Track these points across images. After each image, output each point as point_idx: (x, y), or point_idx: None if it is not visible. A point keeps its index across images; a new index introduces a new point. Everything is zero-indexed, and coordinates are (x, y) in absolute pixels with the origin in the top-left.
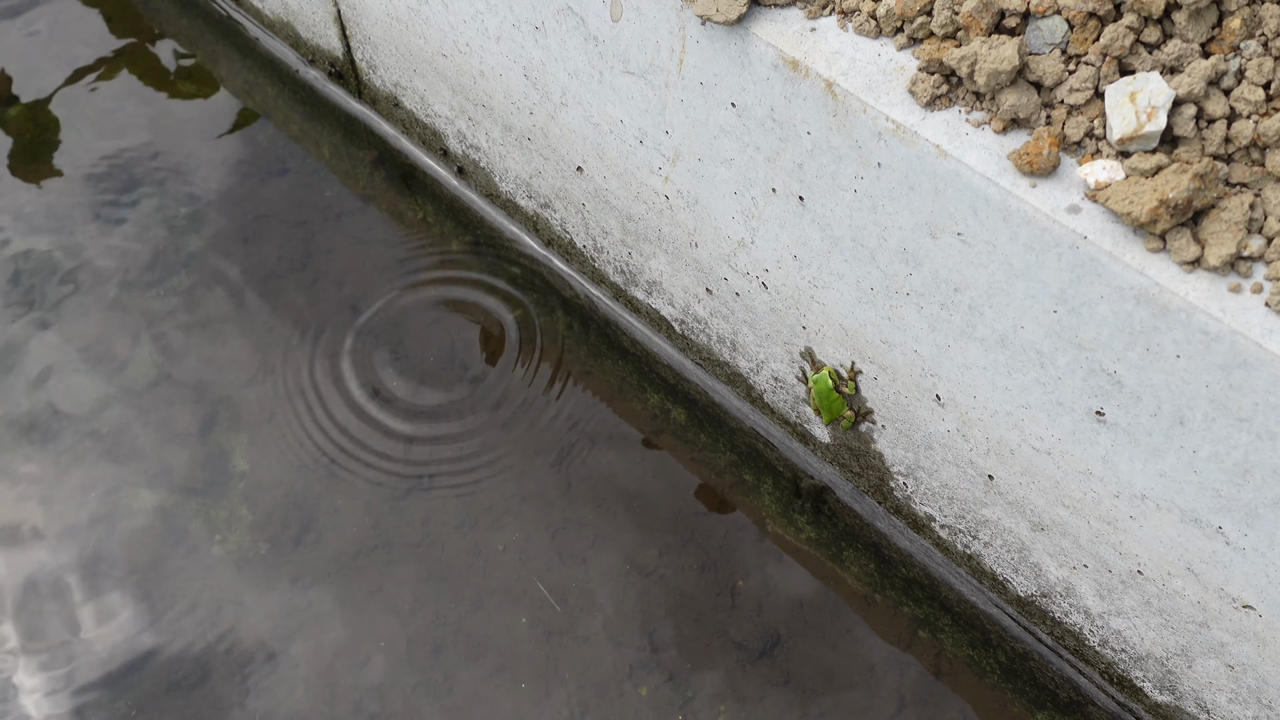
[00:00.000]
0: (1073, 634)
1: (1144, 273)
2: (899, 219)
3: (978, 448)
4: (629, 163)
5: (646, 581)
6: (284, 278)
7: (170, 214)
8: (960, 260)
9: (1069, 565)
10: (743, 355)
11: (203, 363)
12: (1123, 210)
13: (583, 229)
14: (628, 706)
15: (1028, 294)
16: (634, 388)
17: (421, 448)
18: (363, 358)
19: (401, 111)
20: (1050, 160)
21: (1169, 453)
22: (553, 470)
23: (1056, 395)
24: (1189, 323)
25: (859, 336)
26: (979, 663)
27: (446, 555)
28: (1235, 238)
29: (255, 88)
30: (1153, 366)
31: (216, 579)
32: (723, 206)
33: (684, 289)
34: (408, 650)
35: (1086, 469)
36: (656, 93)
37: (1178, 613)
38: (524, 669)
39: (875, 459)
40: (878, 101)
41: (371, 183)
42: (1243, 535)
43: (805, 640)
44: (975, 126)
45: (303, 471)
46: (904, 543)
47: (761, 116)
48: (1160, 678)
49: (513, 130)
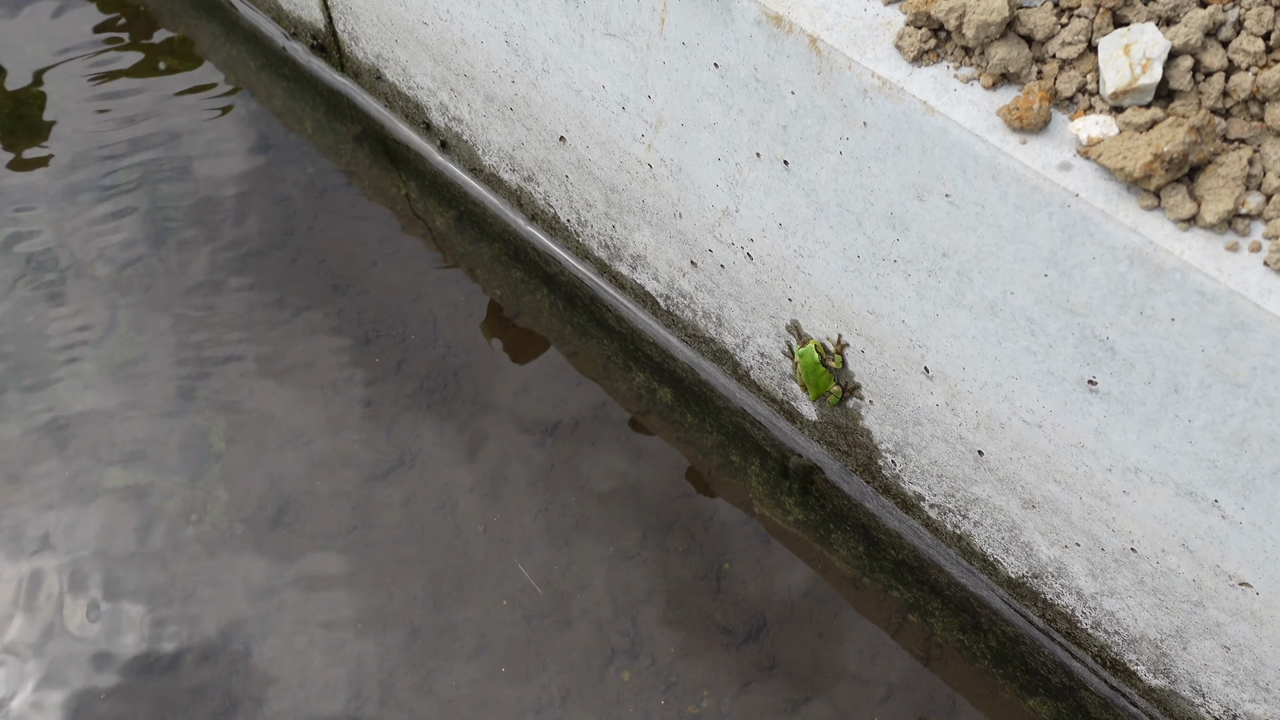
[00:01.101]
0: (1065, 616)
1: (1138, 231)
2: (885, 181)
3: (967, 422)
4: (611, 130)
5: (630, 564)
6: (265, 255)
7: (149, 191)
8: (948, 223)
9: (1060, 544)
10: (728, 331)
11: (181, 341)
12: (1115, 166)
13: (566, 202)
14: (609, 692)
15: (1017, 257)
16: (620, 367)
17: (403, 426)
18: (341, 336)
19: (384, 84)
20: (1041, 115)
21: (1163, 422)
22: (536, 451)
23: (1047, 364)
24: (1184, 283)
25: (845, 307)
26: (969, 647)
27: (426, 537)
28: (1233, 194)
29: (238, 62)
30: (1146, 331)
31: (190, 561)
32: (706, 174)
33: (668, 262)
34: (385, 633)
35: (1078, 442)
36: (638, 55)
37: (1172, 592)
38: (504, 653)
39: (863, 436)
40: (863, 57)
41: (355, 158)
42: (1239, 509)
43: (792, 625)
44: (964, 82)
45: (280, 452)
46: (893, 523)
47: (745, 77)
48: (1154, 660)
49: (495, 100)
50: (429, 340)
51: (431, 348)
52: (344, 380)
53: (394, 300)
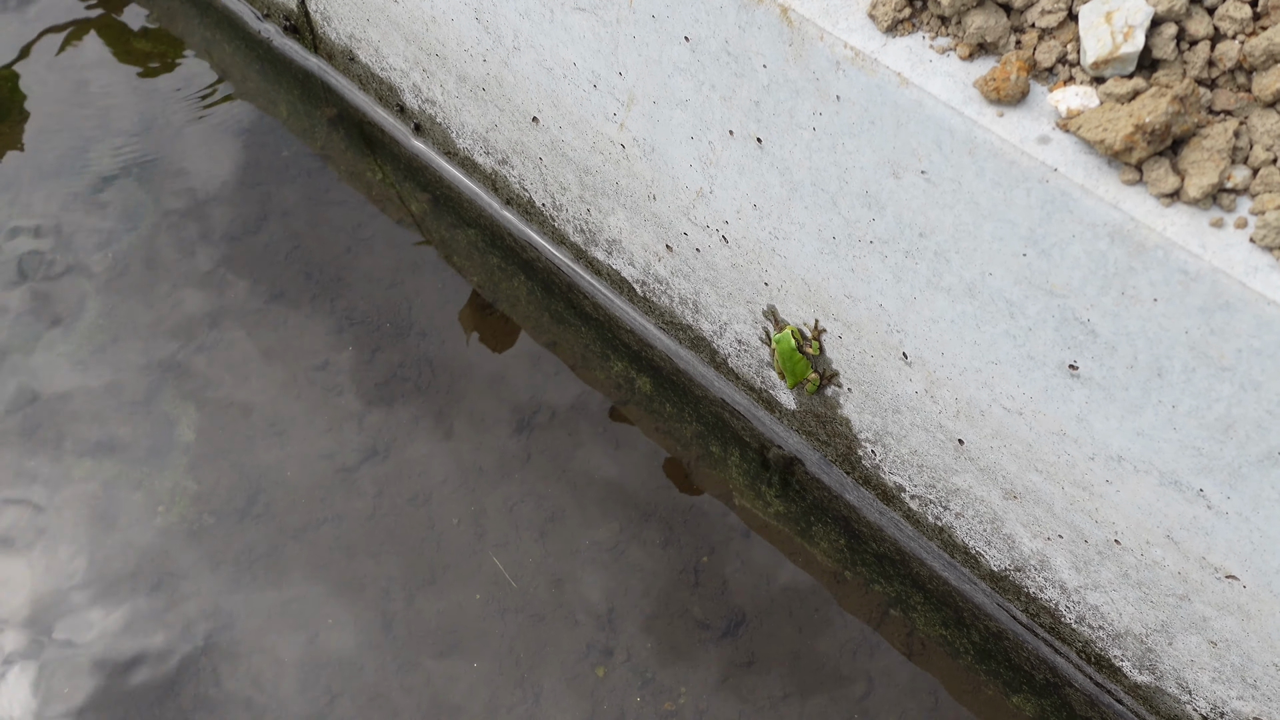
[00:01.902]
0: (1048, 610)
1: (1118, 207)
2: (860, 158)
3: (947, 409)
4: (584, 109)
5: (607, 558)
6: (238, 241)
7: (121, 175)
8: (925, 201)
9: (1043, 536)
10: (705, 317)
11: (150, 328)
12: (1096, 139)
13: (541, 185)
14: (584, 688)
15: (995, 236)
16: (598, 355)
17: (376, 416)
18: (315, 324)
19: (357, 66)
20: (1019, 86)
21: (1146, 408)
22: (511, 441)
23: (1027, 348)
24: (1167, 261)
25: (822, 291)
26: (952, 643)
27: (399, 529)
28: (1218, 167)
29: (212, 45)
30: (1128, 312)
31: (159, 552)
32: (679, 153)
33: (644, 247)
34: (356, 627)
35: (1060, 429)
36: (608, 30)
37: (1157, 585)
38: (477, 648)
39: (842, 425)
40: (835, 27)
41: (330, 142)
42: (1225, 498)
43: (771, 619)
44: (940, 53)
45: (250, 442)
46: (873, 515)
47: (716, 50)
48: (1140, 656)
49: (467, 81)
50: (404, 328)
51: (406, 336)
52: (316, 369)
53: (368, 287)
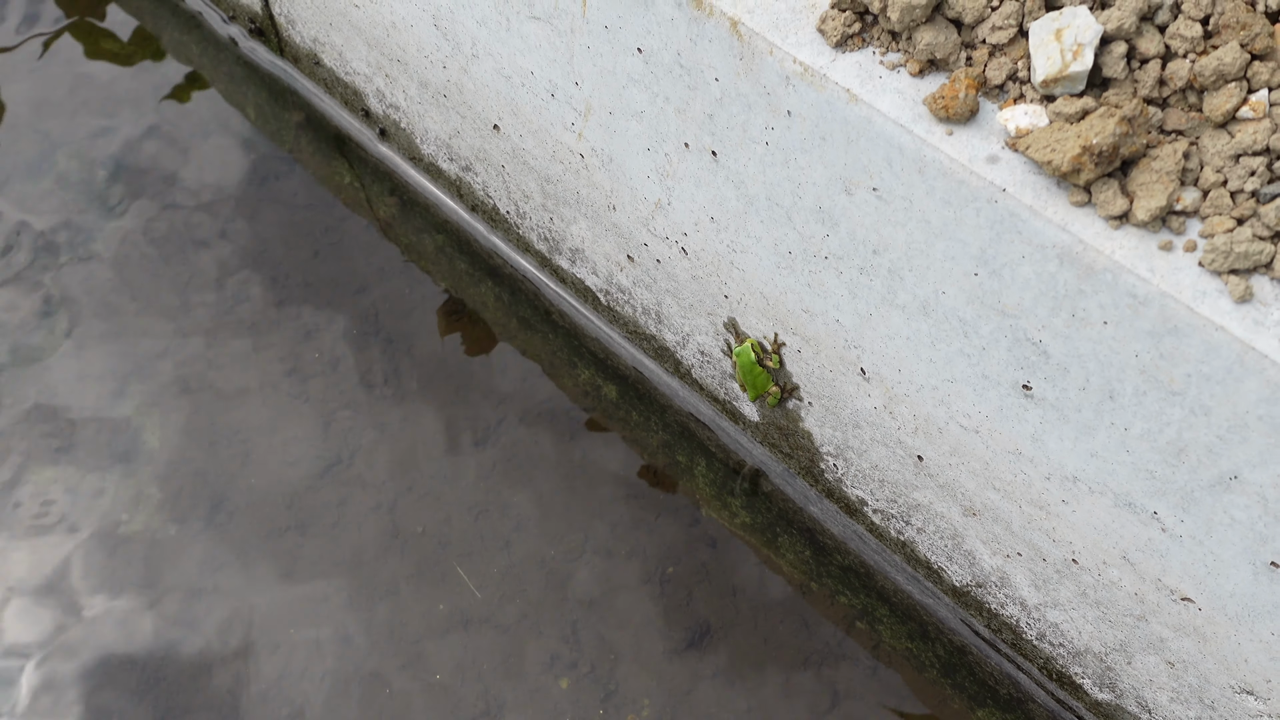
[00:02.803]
0: (1010, 626)
1: (1067, 229)
2: (812, 174)
3: (905, 426)
4: (543, 118)
5: (571, 568)
6: (203, 245)
7: (86, 178)
8: (877, 219)
9: (1003, 553)
10: (668, 328)
11: (114, 334)
12: (1044, 159)
13: (504, 193)
14: (547, 700)
15: (947, 255)
16: (564, 363)
17: (341, 423)
18: (280, 330)
19: (322, 70)
20: (968, 104)
21: (1099, 430)
22: (477, 449)
23: (982, 368)
24: (1115, 284)
25: (780, 305)
26: (918, 656)
27: (362, 538)
28: (1166, 189)
29: (180, 47)
30: (1079, 334)
31: (120, 560)
32: (637, 164)
33: (606, 256)
34: (318, 638)
35: (1016, 448)
36: (563, 39)
37: (1115, 605)
38: (439, 659)
39: (804, 438)
40: (785, 42)
41: (297, 145)
42: (1179, 521)
43: (737, 631)
44: (890, 69)
45: (215, 448)
46: (837, 528)
47: (669, 62)
48: (1100, 674)
49: (429, 87)
50: (370, 334)
51: (372, 342)
52: (281, 375)
53: (335, 293)
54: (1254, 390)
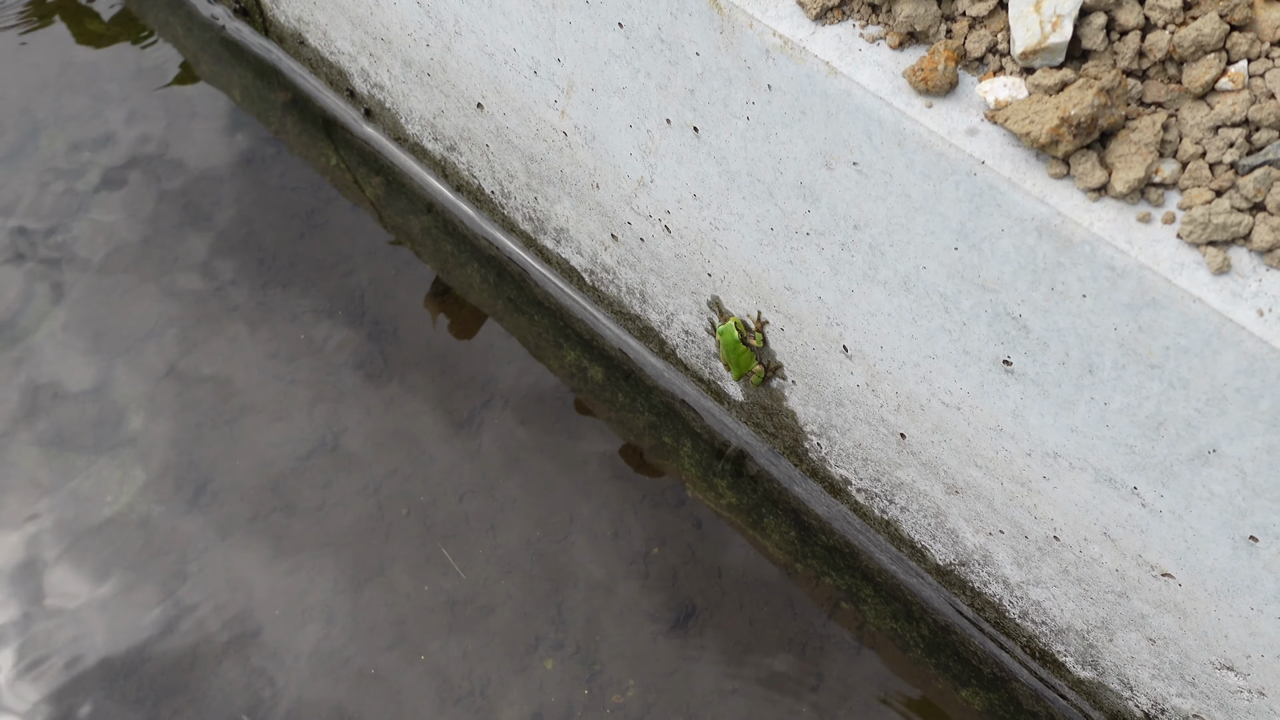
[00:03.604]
0: (993, 605)
1: (1046, 201)
2: (793, 148)
3: (888, 403)
4: (526, 96)
5: (556, 549)
6: (188, 227)
7: (69, 161)
8: (858, 193)
9: (985, 531)
10: (653, 307)
11: (98, 317)
12: (1022, 131)
13: (489, 173)
14: (532, 681)
15: (928, 229)
16: (550, 344)
17: (326, 405)
18: (266, 312)
19: (307, 49)
20: (947, 77)
21: (1079, 405)
22: (463, 431)
23: (963, 343)
24: (1094, 257)
25: (763, 283)
26: (902, 636)
27: (347, 519)
28: (1145, 161)
29: (165, 27)
30: (1058, 308)
31: (105, 542)
32: (619, 142)
33: (590, 235)
34: (302, 618)
35: (997, 425)
36: (545, 15)
37: (1096, 582)
38: (424, 640)
39: (788, 417)
40: (764, 15)
41: (283, 126)
42: (1159, 496)
43: (722, 612)
44: (870, 41)
45: (200, 430)
46: (821, 508)
47: (649, 37)
48: (1082, 652)
49: (413, 65)
50: (356, 316)
51: (359, 324)
52: (267, 357)
53: (321, 275)
54: (1231, 362)
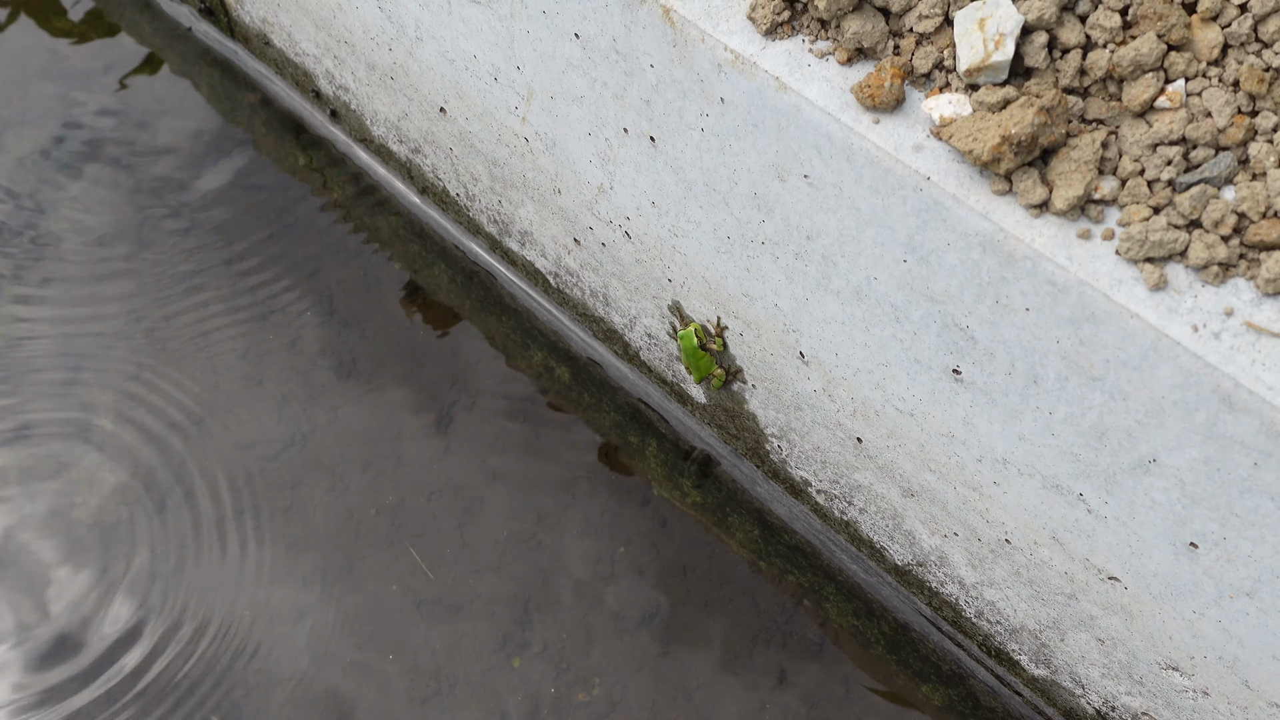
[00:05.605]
0: (950, 605)
1: (989, 217)
2: (746, 160)
3: (844, 409)
4: (487, 102)
5: (524, 548)
6: (156, 227)
7: (34, 160)
8: (810, 205)
9: (940, 533)
10: (616, 310)
11: (63, 318)
12: (965, 148)
13: (453, 176)
14: (499, 679)
15: (877, 242)
16: (518, 345)
17: (295, 405)
18: (234, 312)
19: (272, 50)
20: (893, 93)
21: (1026, 414)
22: (432, 431)
23: (914, 352)
24: (1035, 272)
25: (721, 289)
26: (864, 633)
27: (316, 519)
28: (1084, 179)
29: (134, 26)
30: (1003, 321)
31: (74, 546)
32: (579, 149)
33: (554, 239)
34: (270, 619)
35: (949, 431)
36: (504, 23)
37: (1047, 584)
38: (391, 639)
39: (749, 420)
40: (716, 29)
41: (252, 127)
42: (1103, 503)
43: (687, 609)
44: (819, 57)
45: (168, 431)
46: (783, 509)
47: (605, 48)
48: (1035, 650)
49: (376, 69)
50: (325, 316)
51: (327, 324)
52: (235, 357)
53: (290, 274)
54: (1168, 376)
